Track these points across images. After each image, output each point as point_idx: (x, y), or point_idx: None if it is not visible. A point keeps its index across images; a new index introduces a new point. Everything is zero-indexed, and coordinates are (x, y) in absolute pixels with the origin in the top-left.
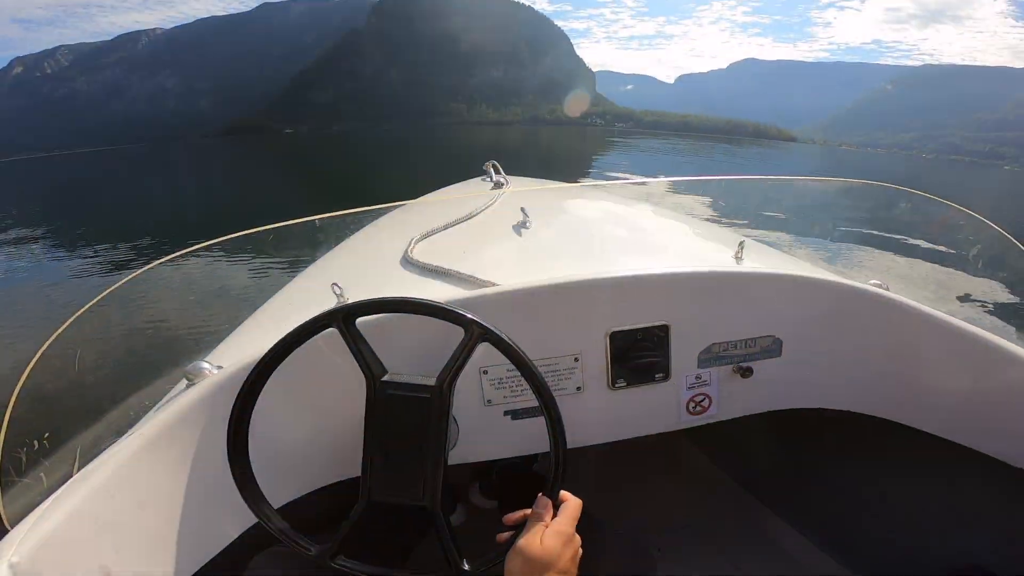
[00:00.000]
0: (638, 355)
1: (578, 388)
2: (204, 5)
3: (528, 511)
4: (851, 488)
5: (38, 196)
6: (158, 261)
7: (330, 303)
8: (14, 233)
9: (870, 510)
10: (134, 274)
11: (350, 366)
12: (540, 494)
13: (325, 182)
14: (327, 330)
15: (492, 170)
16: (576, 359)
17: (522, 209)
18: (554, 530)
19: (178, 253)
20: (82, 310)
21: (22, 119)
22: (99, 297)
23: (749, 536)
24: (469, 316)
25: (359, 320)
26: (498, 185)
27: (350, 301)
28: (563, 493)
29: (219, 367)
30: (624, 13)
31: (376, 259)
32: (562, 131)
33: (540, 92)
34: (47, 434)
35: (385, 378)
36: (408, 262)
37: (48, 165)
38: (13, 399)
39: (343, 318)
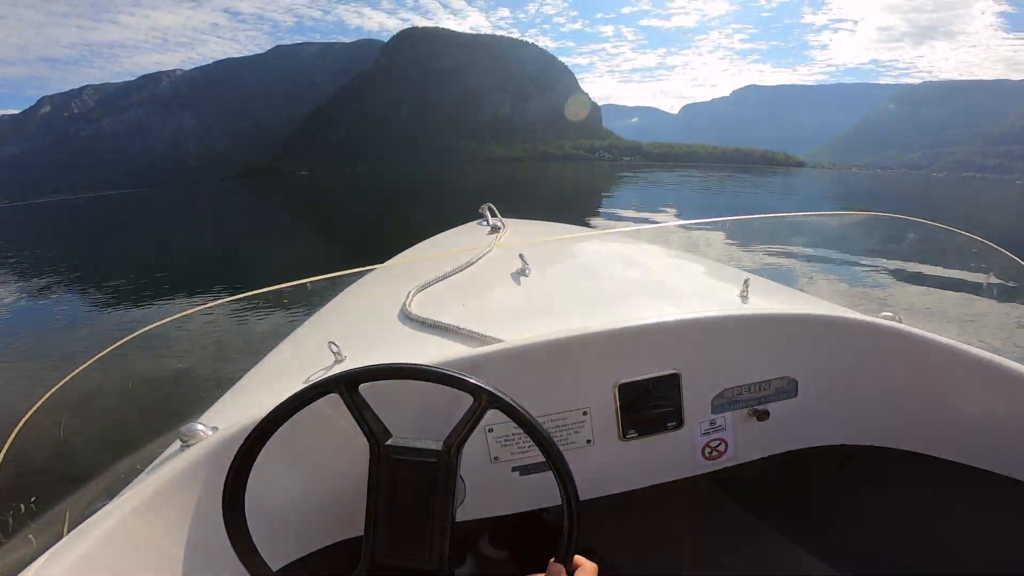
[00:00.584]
0: (649, 405)
1: (588, 441)
2: (221, 47)
3: None
4: (879, 521)
5: (81, 239)
6: (148, 327)
7: (328, 362)
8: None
9: (901, 542)
10: (124, 340)
11: (351, 427)
12: (552, 560)
13: (344, 226)
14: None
15: (488, 213)
16: (585, 412)
17: (520, 256)
18: None
19: (167, 319)
20: (73, 374)
21: (50, 158)
22: (90, 362)
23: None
24: (477, 383)
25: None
26: (495, 229)
27: (349, 363)
28: (577, 558)
29: (214, 428)
30: (625, 47)
31: (373, 314)
32: (570, 166)
33: (546, 127)
34: (34, 498)
35: (389, 442)
36: (406, 317)
37: (74, 208)
38: (0, 459)
39: (346, 386)
